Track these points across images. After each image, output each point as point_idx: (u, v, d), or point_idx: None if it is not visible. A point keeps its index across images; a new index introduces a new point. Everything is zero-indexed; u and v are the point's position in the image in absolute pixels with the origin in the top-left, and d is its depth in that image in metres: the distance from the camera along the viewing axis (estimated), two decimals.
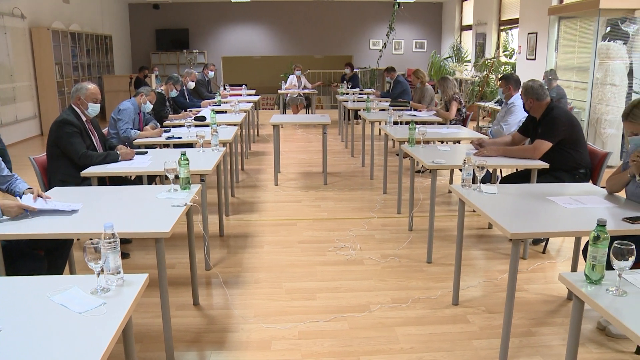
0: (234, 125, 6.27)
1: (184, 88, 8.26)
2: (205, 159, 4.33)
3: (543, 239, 4.53)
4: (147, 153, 4.55)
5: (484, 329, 3.23)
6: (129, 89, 11.94)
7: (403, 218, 5.30)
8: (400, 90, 9.38)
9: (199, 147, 4.75)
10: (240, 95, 10.38)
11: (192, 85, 8.64)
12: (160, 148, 5.31)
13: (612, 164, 6.66)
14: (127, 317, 1.84)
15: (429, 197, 4.21)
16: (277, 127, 6.76)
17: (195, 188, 3.38)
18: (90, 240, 1.94)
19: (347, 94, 10.30)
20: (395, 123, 6.26)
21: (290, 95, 11.72)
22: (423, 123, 6.43)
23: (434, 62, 14.59)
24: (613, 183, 3.19)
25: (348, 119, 9.30)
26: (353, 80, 11.79)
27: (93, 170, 3.99)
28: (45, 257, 3.10)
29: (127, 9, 16.74)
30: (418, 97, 8.31)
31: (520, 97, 4.56)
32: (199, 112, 7.43)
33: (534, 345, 3.06)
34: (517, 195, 3.27)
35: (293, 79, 11.81)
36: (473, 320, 3.34)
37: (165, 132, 5.66)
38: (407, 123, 5.80)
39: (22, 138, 10.38)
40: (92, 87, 4.27)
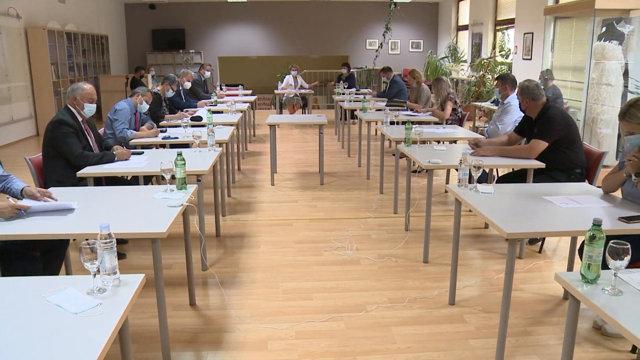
0: (231, 126, 6.26)
1: (180, 88, 8.24)
2: (202, 159, 4.33)
3: (539, 239, 4.54)
4: (143, 153, 4.54)
5: (481, 329, 3.24)
6: (125, 89, 11.92)
7: (399, 218, 5.31)
8: (397, 90, 9.39)
9: (196, 147, 4.75)
10: (237, 95, 10.38)
11: (188, 86, 8.63)
12: (157, 148, 5.30)
13: (607, 164, 6.69)
14: (123, 317, 1.84)
15: (426, 197, 4.22)
16: (273, 127, 6.76)
17: (192, 188, 3.37)
18: (87, 241, 1.93)
19: (343, 94, 10.30)
20: (392, 123, 6.26)
21: (287, 95, 11.72)
22: (419, 123, 6.44)
23: (431, 62, 14.60)
24: (609, 183, 3.20)
25: (344, 119, 9.30)
26: (350, 81, 11.79)
27: (89, 171, 3.98)
28: (41, 257, 3.09)
29: (123, 9, 16.71)
30: (414, 97, 8.31)
31: (517, 97, 4.57)
32: (196, 112, 7.42)
33: (531, 345, 3.07)
34: (513, 195, 3.28)
35: (289, 79, 11.80)
36: (469, 320, 3.34)
37: (162, 132, 5.65)
38: (403, 123, 5.80)
39: (17, 138, 10.35)
40: (88, 87, 4.26)
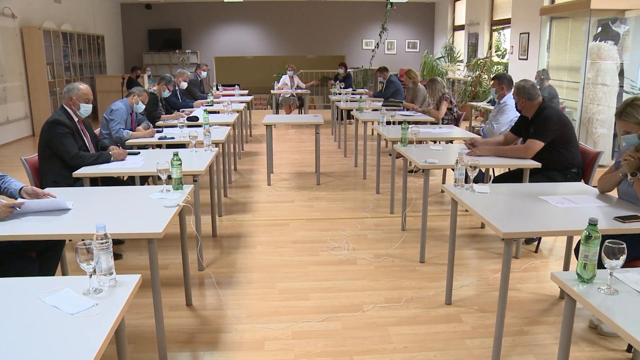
0: (227, 126, 6.25)
1: (177, 88, 8.23)
2: (198, 159, 4.33)
3: (535, 238, 4.55)
4: (139, 153, 4.54)
5: (477, 328, 3.24)
6: (121, 89, 11.90)
7: (396, 218, 5.31)
8: (393, 90, 9.40)
9: (192, 147, 4.74)
10: (233, 96, 10.36)
11: (184, 86, 8.62)
12: (153, 148, 5.29)
13: (603, 164, 6.71)
14: (119, 318, 1.84)
15: (422, 196, 4.22)
16: (269, 127, 6.75)
17: (188, 188, 3.37)
18: (83, 241, 1.93)
19: (339, 94, 10.30)
20: (388, 123, 6.26)
21: (283, 96, 11.71)
22: (416, 123, 6.45)
23: (427, 62, 14.62)
24: (605, 182, 3.21)
25: (341, 119, 9.30)
26: (347, 80, 11.80)
27: (85, 171, 3.97)
28: (37, 258, 3.08)
29: (119, 9, 16.68)
30: (411, 97, 8.32)
31: (513, 96, 4.58)
32: (192, 112, 7.41)
33: (527, 344, 3.07)
34: (509, 195, 3.29)
35: (285, 79, 11.80)
36: (466, 320, 3.35)
37: (158, 132, 5.64)
38: (399, 123, 5.81)
39: (13, 139, 10.32)
40: (84, 87, 4.25)
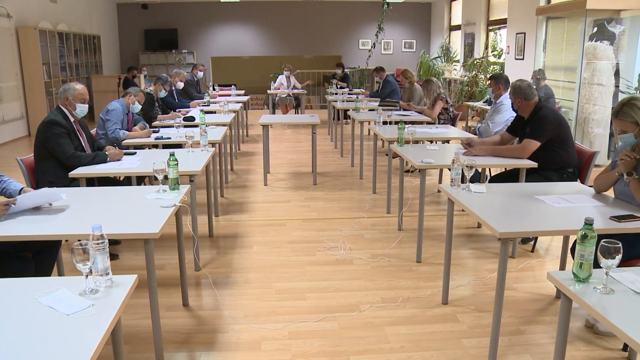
0: (223, 126, 6.25)
1: (173, 88, 8.22)
2: (194, 160, 4.32)
3: (532, 238, 4.56)
4: (135, 154, 4.53)
5: (474, 328, 3.25)
6: (118, 90, 11.87)
7: (392, 218, 5.32)
8: (390, 90, 9.40)
9: (188, 147, 4.74)
10: (230, 96, 10.36)
11: (181, 86, 8.61)
12: (149, 148, 5.29)
13: (599, 163, 6.73)
14: (116, 318, 1.83)
15: (418, 196, 4.22)
16: (266, 127, 6.75)
17: (184, 188, 3.37)
18: (79, 242, 1.93)
19: (336, 94, 10.30)
20: (385, 123, 6.27)
21: (280, 96, 11.71)
22: (412, 123, 6.45)
23: (423, 62, 14.63)
24: (601, 182, 3.22)
25: (337, 119, 9.30)
26: (345, 80, 11.85)
27: (81, 171, 3.96)
28: (33, 258, 3.07)
29: (115, 9, 16.65)
30: (407, 97, 8.33)
31: (509, 96, 4.58)
32: (188, 112, 7.40)
33: (523, 344, 3.08)
34: (505, 195, 3.29)
35: (282, 79, 11.79)
36: (463, 319, 3.35)
37: (154, 132, 5.64)
38: (396, 123, 5.81)
39: (9, 139, 10.29)
40: (80, 87, 4.24)
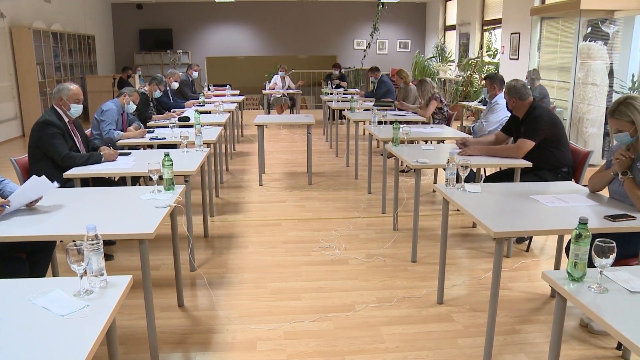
0: (218, 126, 6.24)
1: (168, 88, 8.21)
2: (189, 160, 4.32)
3: (526, 238, 4.57)
4: (130, 154, 4.52)
5: (469, 328, 3.25)
6: (112, 90, 11.83)
7: (387, 217, 5.32)
8: (385, 90, 9.41)
9: (183, 147, 4.73)
10: (225, 96, 10.34)
11: (175, 86, 8.59)
12: (144, 149, 5.28)
13: (594, 163, 6.75)
14: (110, 319, 1.83)
15: (413, 196, 4.22)
16: (261, 127, 6.75)
17: (179, 189, 3.36)
18: (73, 242, 1.92)
19: (331, 94, 10.31)
20: (380, 123, 6.27)
21: (275, 96, 11.70)
22: (407, 123, 6.46)
23: (418, 62, 14.65)
24: (595, 182, 3.22)
25: (332, 119, 9.30)
26: (342, 80, 11.90)
27: (76, 172, 3.95)
28: (28, 259, 3.06)
29: (109, 9, 16.60)
30: (402, 96, 8.33)
31: (504, 96, 4.59)
32: (183, 112, 7.39)
33: (518, 343, 3.09)
34: (500, 194, 3.30)
35: (277, 79, 11.79)
36: (458, 319, 3.36)
37: (149, 132, 5.62)
38: (391, 123, 5.81)
39: (3, 139, 10.25)
40: (74, 87, 4.23)
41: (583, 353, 2.98)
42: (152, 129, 5.89)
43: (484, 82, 5.87)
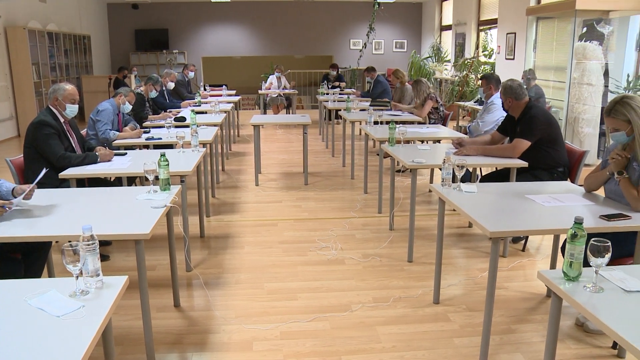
0: (214, 126, 6.23)
1: (164, 88, 8.19)
2: (185, 160, 4.31)
3: (522, 237, 4.58)
4: (126, 154, 4.51)
5: (465, 327, 3.26)
6: (108, 90, 11.80)
7: (384, 217, 5.32)
8: (381, 90, 9.42)
9: (179, 147, 4.72)
10: (221, 96, 10.34)
11: (171, 86, 8.58)
12: (140, 149, 5.27)
13: (589, 163, 6.76)
14: (106, 319, 1.82)
15: (410, 196, 4.23)
16: (257, 127, 6.75)
17: (175, 189, 3.36)
18: (69, 243, 1.92)
19: (327, 94, 10.31)
20: (376, 123, 6.28)
21: (271, 96, 11.69)
22: (403, 123, 6.46)
23: (414, 62, 14.66)
24: (591, 181, 3.23)
25: (329, 119, 9.31)
26: (340, 80, 11.92)
27: (72, 172, 3.94)
28: (23, 260, 3.06)
29: (105, 9, 16.56)
30: (398, 97, 8.35)
31: (500, 96, 4.60)
32: (179, 112, 7.38)
33: (514, 342, 3.09)
34: (496, 194, 3.30)
35: (273, 79, 11.79)
36: (454, 319, 3.36)
37: (145, 133, 5.61)
38: (387, 123, 5.81)
39: None
40: (70, 87, 4.22)
41: (579, 352, 2.99)
42: (148, 129, 5.88)
43: (481, 82, 5.88)
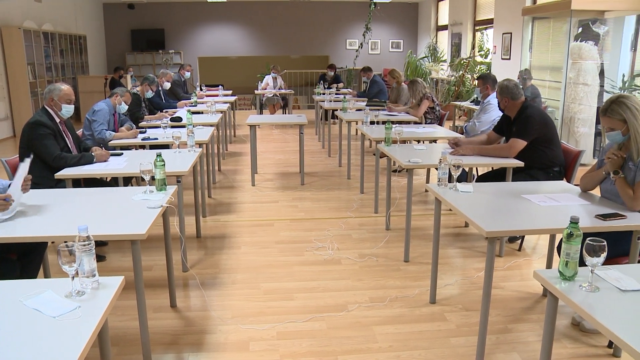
0: (211, 126, 6.23)
1: (160, 89, 8.18)
2: (182, 160, 4.31)
3: (519, 237, 4.59)
4: (122, 154, 4.50)
5: (461, 327, 3.26)
6: (104, 90, 11.79)
7: (380, 217, 5.33)
8: (377, 90, 9.43)
9: (175, 148, 4.71)
10: (217, 96, 10.32)
11: (168, 86, 8.56)
12: (136, 149, 5.26)
13: (585, 162, 6.79)
14: (102, 320, 1.82)
15: (406, 196, 4.23)
16: (253, 127, 6.74)
17: (172, 189, 3.35)
18: (65, 243, 1.91)
19: (323, 94, 10.31)
20: (372, 123, 6.28)
21: (267, 96, 11.69)
22: (399, 123, 6.47)
23: (410, 62, 14.67)
24: (587, 181, 3.24)
25: (325, 119, 9.31)
26: (337, 81, 11.94)
27: (67, 172, 3.93)
28: (18, 260, 3.05)
29: (101, 9, 16.53)
30: (394, 96, 8.35)
31: (496, 96, 4.61)
32: (175, 112, 7.37)
33: (511, 342, 3.10)
34: (492, 194, 3.31)
35: (269, 79, 11.79)
36: (450, 318, 3.36)
37: (141, 133, 5.60)
38: (383, 123, 5.82)
39: None
40: (65, 87, 4.21)
41: (575, 351, 3.00)
42: (144, 130, 5.87)
43: (477, 81, 5.89)
